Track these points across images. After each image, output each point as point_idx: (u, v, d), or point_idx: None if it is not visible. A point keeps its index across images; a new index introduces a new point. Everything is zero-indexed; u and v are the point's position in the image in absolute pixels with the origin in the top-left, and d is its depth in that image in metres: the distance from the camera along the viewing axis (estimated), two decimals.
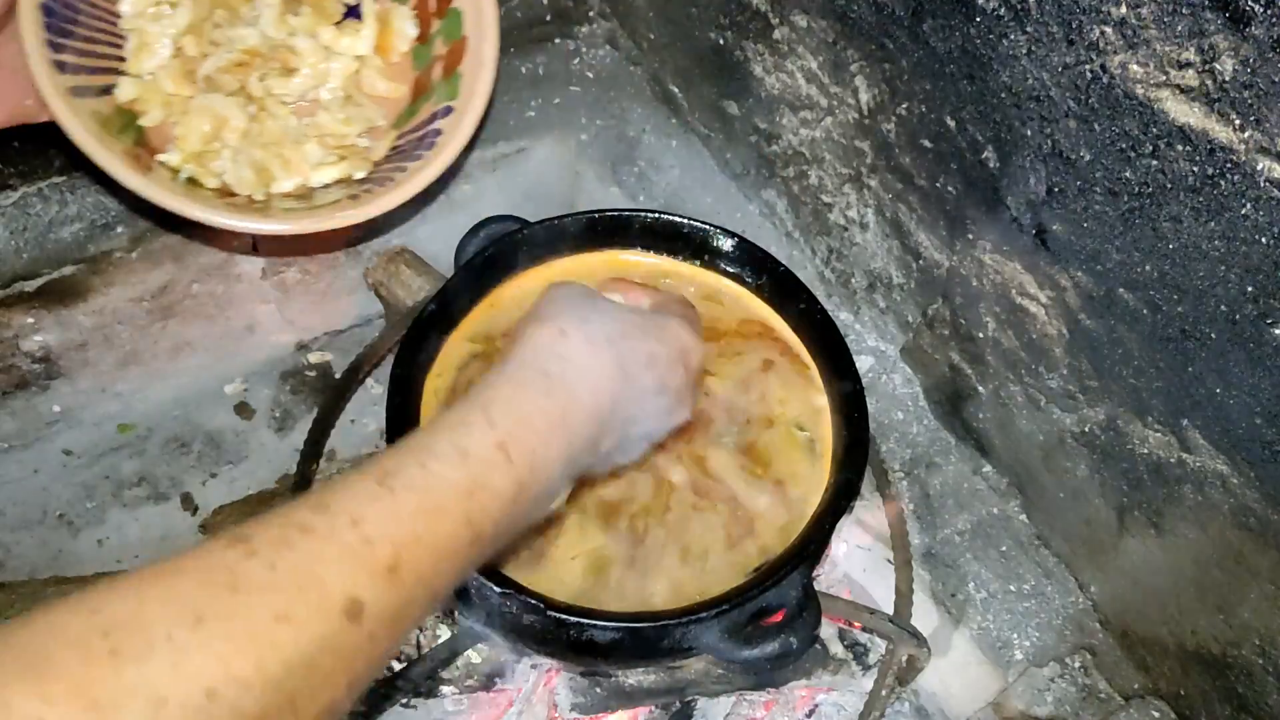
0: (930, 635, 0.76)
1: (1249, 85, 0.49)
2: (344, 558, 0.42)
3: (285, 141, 0.81)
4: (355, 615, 0.41)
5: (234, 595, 0.38)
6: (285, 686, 0.38)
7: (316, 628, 0.39)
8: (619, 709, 0.75)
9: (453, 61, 0.78)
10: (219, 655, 0.36)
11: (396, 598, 0.42)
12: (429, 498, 0.46)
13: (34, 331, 0.89)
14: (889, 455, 0.87)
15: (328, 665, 0.40)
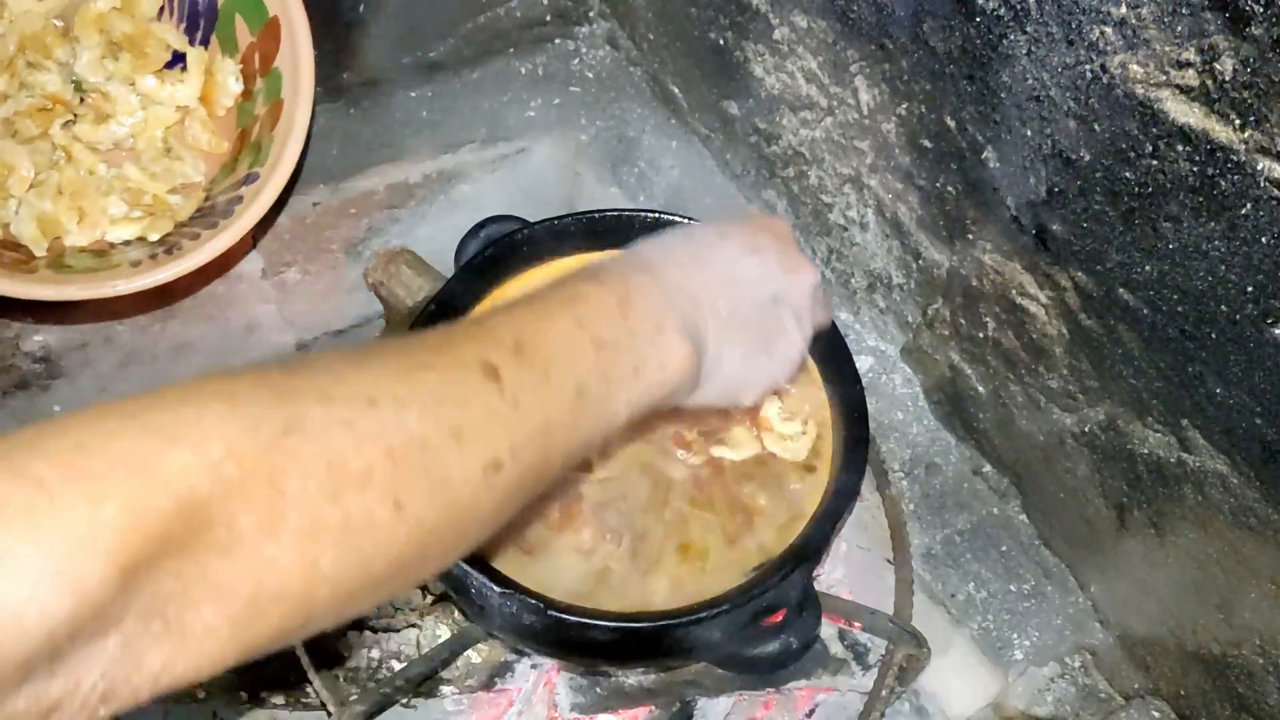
0: (930, 635, 0.76)
1: (1249, 85, 0.49)
2: (470, 337, 0.46)
3: (86, 193, 0.78)
4: (492, 375, 0.44)
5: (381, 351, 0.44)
6: (442, 415, 0.41)
7: (458, 373, 0.43)
8: (619, 709, 0.75)
9: (271, 123, 0.75)
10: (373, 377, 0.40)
11: (529, 373, 0.46)
12: (534, 306, 0.50)
13: (34, 331, 0.89)
14: (889, 455, 0.87)
15: (480, 411, 0.43)
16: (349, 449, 0.38)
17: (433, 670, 0.72)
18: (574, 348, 0.49)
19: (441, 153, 0.99)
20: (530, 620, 0.63)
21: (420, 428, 0.40)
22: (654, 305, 0.54)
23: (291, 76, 0.72)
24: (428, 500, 0.41)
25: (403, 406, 0.40)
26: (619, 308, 0.52)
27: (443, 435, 0.41)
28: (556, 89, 1.06)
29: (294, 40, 0.71)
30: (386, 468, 0.39)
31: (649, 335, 0.53)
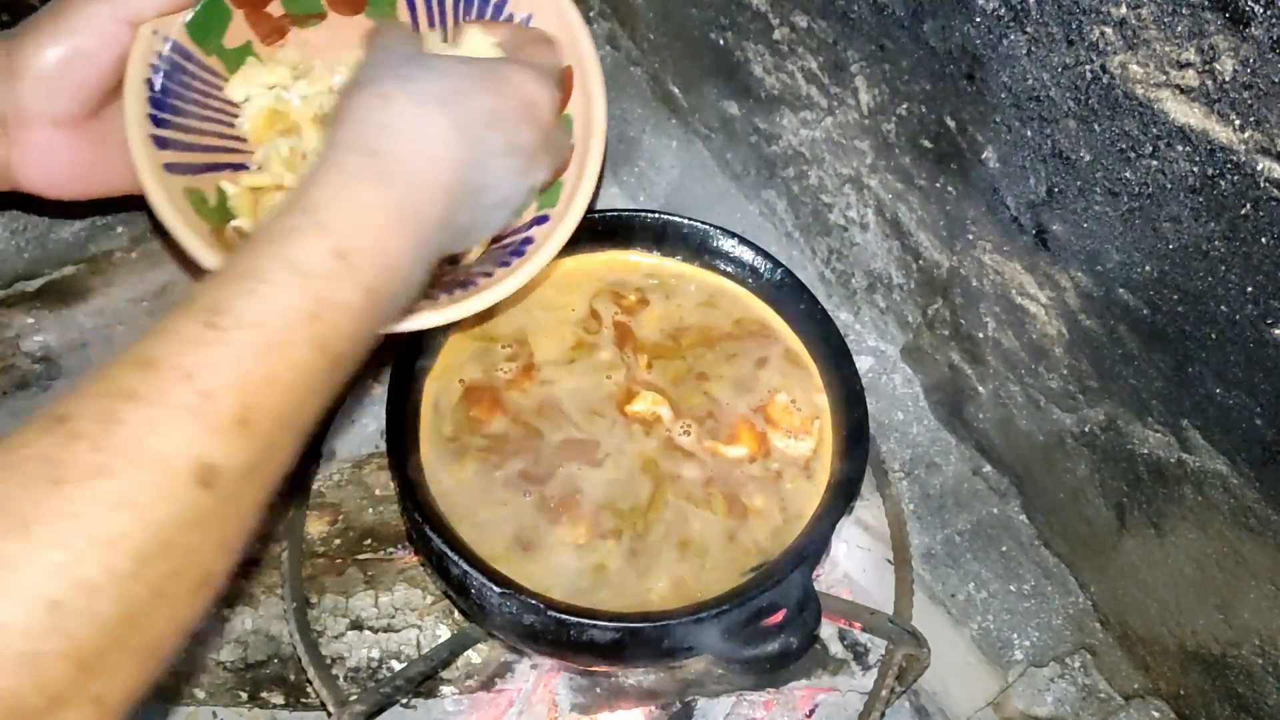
0: (930, 635, 0.76)
1: (1249, 85, 0.49)
2: (183, 421, 0.37)
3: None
4: (209, 481, 0.36)
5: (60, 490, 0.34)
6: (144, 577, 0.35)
7: (164, 508, 0.35)
8: (619, 709, 0.75)
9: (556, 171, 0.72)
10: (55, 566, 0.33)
11: (254, 449, 0.38)
12: (267, 332, 0.40)
13: (34, 331, 0.89)
14: (889, 455, 0.87)
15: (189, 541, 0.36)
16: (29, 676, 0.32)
17: (433, 670, 0.72)
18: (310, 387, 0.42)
19: None
20: (530, 620, 0.63)
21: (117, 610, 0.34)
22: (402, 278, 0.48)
23: (583, 123, 0.70)
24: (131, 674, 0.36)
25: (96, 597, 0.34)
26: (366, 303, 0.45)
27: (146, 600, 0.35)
28: None
29: (587, 88, 0.70)
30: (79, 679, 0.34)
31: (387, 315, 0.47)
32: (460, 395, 0.74)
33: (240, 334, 0.39)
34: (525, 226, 0.72)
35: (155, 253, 0.91)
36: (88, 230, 0.87)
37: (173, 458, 0.36)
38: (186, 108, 0.66)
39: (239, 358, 0.39)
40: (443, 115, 0.50)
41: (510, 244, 0.72)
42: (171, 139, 0.64)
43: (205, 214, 0.65)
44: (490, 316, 0.78)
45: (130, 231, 0.89)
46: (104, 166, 0.63)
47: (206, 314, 0.39)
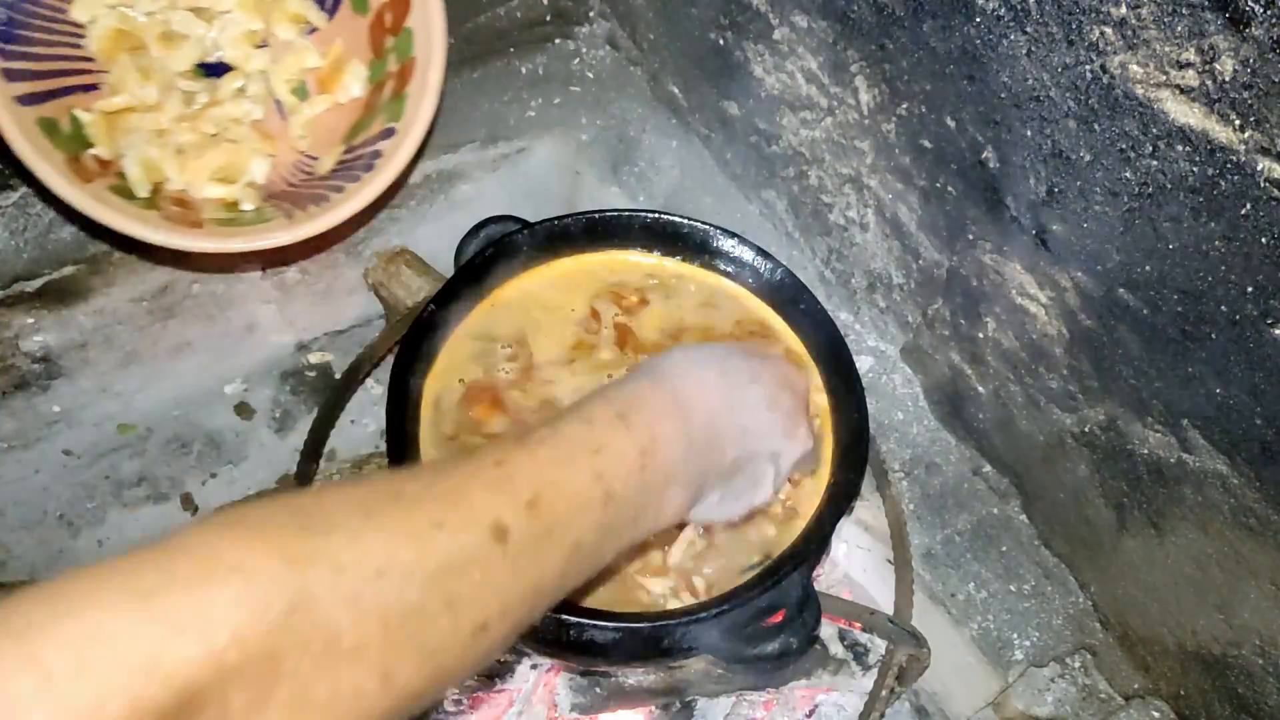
0: (930, 635, 0.76)
1: (1249, 85, 0.49)
2: (489, 486, 0.46)
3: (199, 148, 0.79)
4: (501, 537, 0.45)
5: (397, 502, 0.43)
6: (442, 584, 0.42)
7: (467, 538, 0.44)
8: (619, 709, 0.75)
9: (401, 82, 0.76)
10: (385, 542, 0.41)
11: (536, 531, 0.46)
12: (559, 450, 0.50)
13: (34, 331, 0.89)
14: (889, 455, 0.87)
15: (479, 578, 0.44)
16: (347, 625, 0.39)
17: None
18: (585, 504, 0.50)
19: (442, 152, 0.99)
20: None
21: (420, 598, 0.41)
22: (672, 459, 0.55)
23: (424, 34, 0.74)
24: (415, 669, 0.42)
25: (408, 579, 0.41)
26: (639, 459, 0.53)
27: (439, 604, 0.42)
28: (556, 89, 1.06)
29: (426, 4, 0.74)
30: (380, 640, 0.40)
31: (658, 489, 0.54)
32: (461, 395, 0.74)
33: (538, 447, 0.50)
34: (374, 139, 0.75)
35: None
36: (88, 230, 0.87)
37: (478, 506, 0.45)
38: (33, 35, 0.68)
39: (536, 459, 0.49)
40: (713, 364, 0.61)
41: (360, 158, 0.75)
42: (20, 70, 0.66)
43: (59, 142, 0.68)
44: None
45: None
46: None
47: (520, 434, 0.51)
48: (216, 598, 0.35)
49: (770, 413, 0.62)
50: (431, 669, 0.43)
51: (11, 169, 0.84)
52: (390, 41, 0.78)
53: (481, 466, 0.47)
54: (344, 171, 0.76)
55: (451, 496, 0.45)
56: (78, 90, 0.72)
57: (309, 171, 0.79)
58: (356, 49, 0.81)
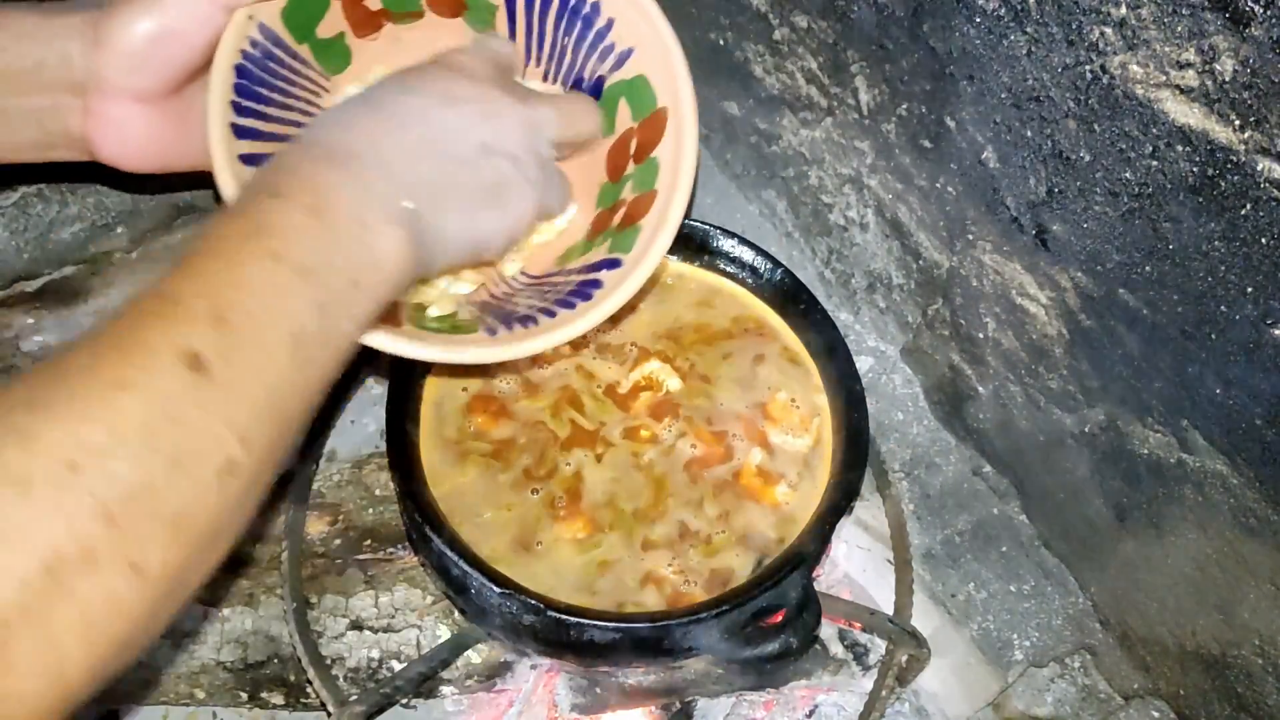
0: (930, 635, 0.76)
1: (1249, 85, 0.49)
2: (161, 319, 0.41)
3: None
4: (197, 365, 0.39)
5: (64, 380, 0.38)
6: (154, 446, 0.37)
7: (160, 383, 0.39)
8: (619, 709, 0.75)
9: (635, 213, 0.68)
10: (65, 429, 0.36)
11: (235, 344, 0.41)
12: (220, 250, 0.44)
13: (34, 332, 0.89)
14: (889, 455, 0.87)
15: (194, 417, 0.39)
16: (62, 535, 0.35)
17: (433, 670, 0.72)
18: (278, 290, 0.44)
19: None
20: (530, 620, 0.63)
21: (135, 470, 0.37)
22: (351, 200, 0.48)
23: (671, 170, 0.67)
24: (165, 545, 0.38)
25: (108, 456, 0.36)
26: (312, 218, 0.46)
27: (161, 466, 0.38)
28: None
29: (680, 137, 0.67)
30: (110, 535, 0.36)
31: (355, 237, 0.48)
32: (465, 402, 0.74)
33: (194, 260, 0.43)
34: (594, 267, 0.68)
35: (155, 253, 0.91)
36: (87, 230, 0.87)
37: (157, 346, 0.39)
38: (270, 95, 0.63)
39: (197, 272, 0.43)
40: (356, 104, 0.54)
41: (576, 284, 0.68)
42: (250, 127, 0.62)
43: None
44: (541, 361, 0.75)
45: (130, 232, 0.89)
46: (181, 142, 0.62)
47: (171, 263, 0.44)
48: None
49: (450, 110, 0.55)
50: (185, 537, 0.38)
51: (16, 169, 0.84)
52: (631, 168, 0.71)
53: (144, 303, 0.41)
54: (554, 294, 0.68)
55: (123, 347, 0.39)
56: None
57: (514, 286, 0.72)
58: (591, 169, 0.73)
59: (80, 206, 0.87)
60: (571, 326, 0.63)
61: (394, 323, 0.64)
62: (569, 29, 0.67)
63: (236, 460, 0.40)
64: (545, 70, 0.71)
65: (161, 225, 0.90)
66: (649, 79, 0.68)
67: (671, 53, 0.66)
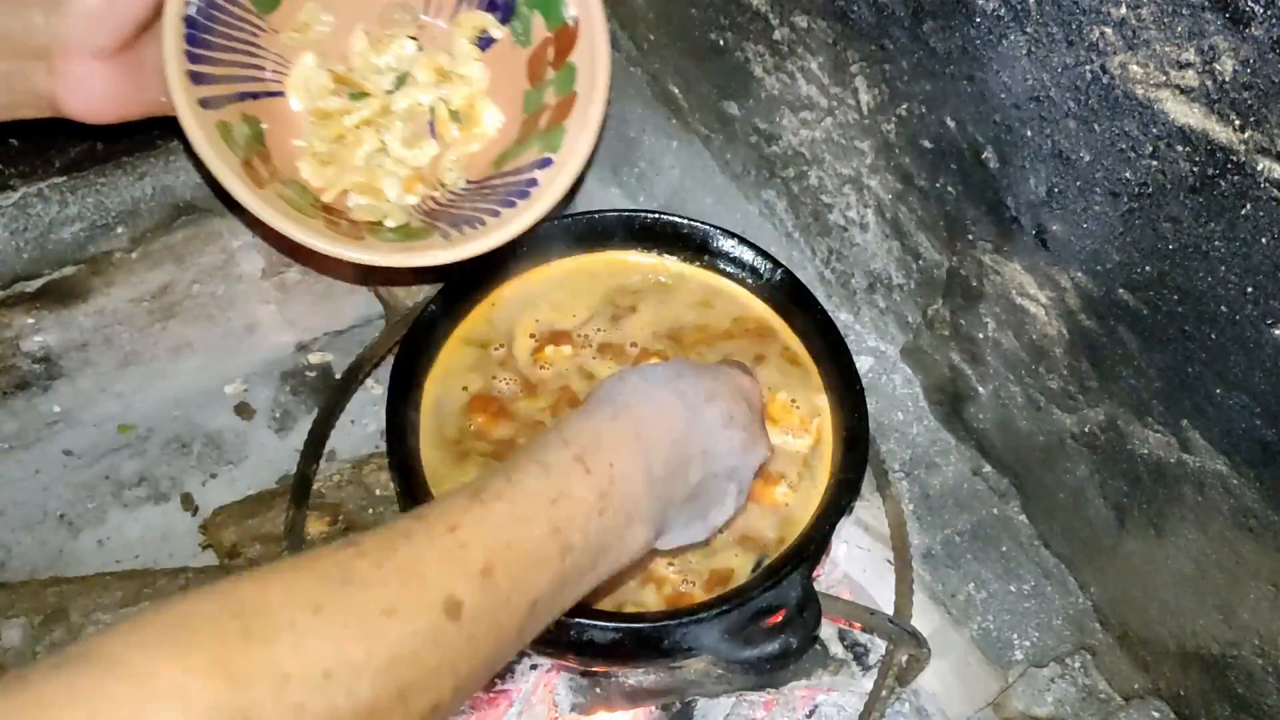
0: (930, 635, 0.76)
1: (1249, 85, 0.49)
2: (442, 559, 0.45)
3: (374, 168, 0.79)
4: (455, 613, 0.43)
5: (346, 588, 0.41)
6: (394, 675, 0.41)
7: (420, 621, 0.42)
8: (619, 709, 0.75)
9: (559, 115, 0.76)
10: (334, 640, 0.39)
11: (492, 599, 0.45)
12: (515, 506, 0.48)
13: (34, 332, 0.89)
14: (889, 455, 0.87)
15: (432, 661, 0.42)
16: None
17: None
18: (542, 561, 0.48)
19: None
20: None
21: (370, 695, 0.40)
22: (633, 496, 0.53)
23: (588, 72, 0.74)
24: None
25: (358, 677, 0.39)
26: (598, 503, 0.51)
27: (391, 698, 0.40)
28: None
29: (592, 37, 0.73)
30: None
31: (619, 530, 0.52)
32: (465, 402, 0.74)
33: (494, 504, 0.48)
34: (529, 167, 0.75)
35: (154, 253, 0.91)
36: (87, 230, 0.87)
37: (431, 584, 0.43)
38: (218, 40, 0.69)
39: (490, 521, 0.47)
40: (668, 387, 0.59)
41: (514, 184, 0.74)
42: (205, 74, 0.67)
43: (234, 146, 0.68)
44: (542, 361, 0.78)
45: (130, 232, 0.89)
46: (140, 92, 0.66)
47: (474, 490, 0.48)
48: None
49: (728, 430, 0.61)
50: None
51: (13, 169, 0.84)
52: (550, 74, 0.78)
53: (434, 535, 0.45)
54: (495, 196, 0.76)
55: (403, 575, 0.43)
56: (250, 97, 0.73)
57: (457, 191, 0.79)
58: (513, 79, 0.80)
59: (80, 206, 0.87)
60: (517, 222, 0.71)
61: (355, 236, 0.71)
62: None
63: (443, 705, 0.43)
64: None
65: (161, 225, 0.90)
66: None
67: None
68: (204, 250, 0.93)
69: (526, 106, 0.79)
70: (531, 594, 0.47)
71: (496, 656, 0.47)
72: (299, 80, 0.77)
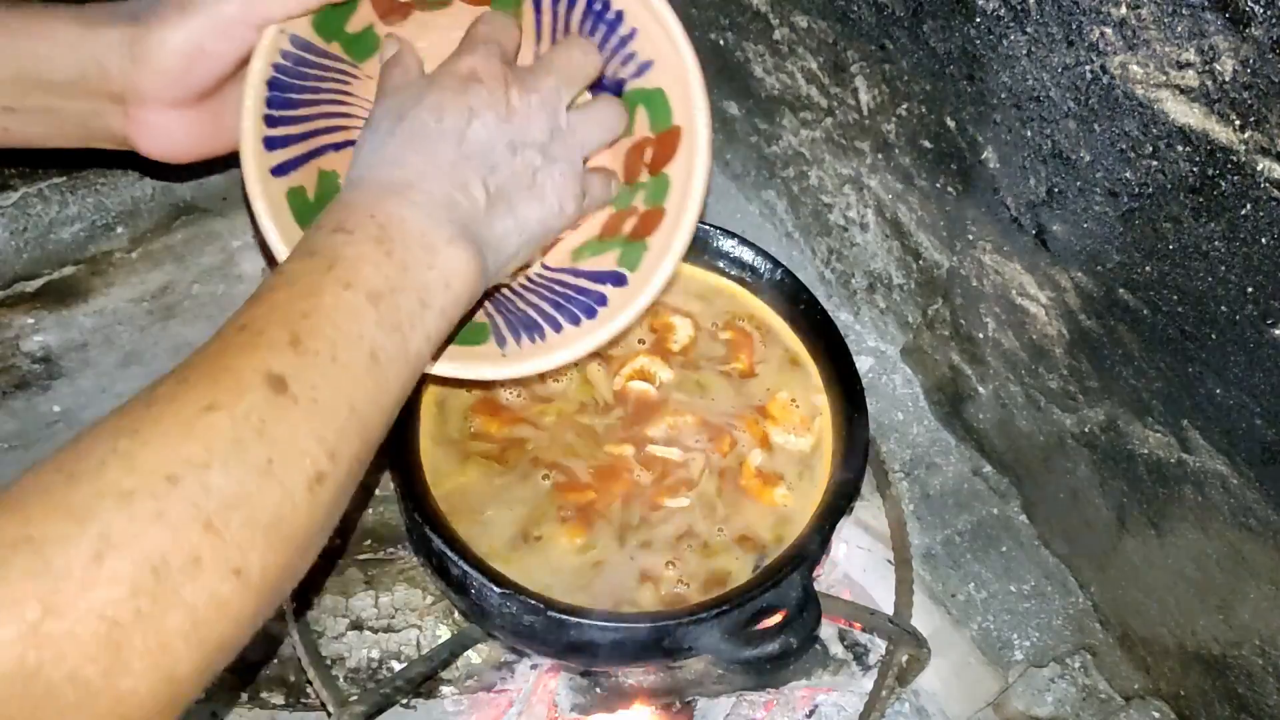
0: (930, 635, 0.76)
1: (1249, 85, 0.49)
2: (241, 350, 0.44)
3: None
4: (279, 386, 0.43)
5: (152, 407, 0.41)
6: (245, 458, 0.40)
7: (246, 403, 0.41)
8: (619, 709, 0.75)
9: (645, 228, 0.69)
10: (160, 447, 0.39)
11: (314, 362, 0.44)
12: (295, 286, 0.47)
13: (34, 332, 0.89)
14: (889, 455, 0.87)
15: (282, 432, 0.42)
16: (167, 542, 0.37)
17: (433, 670, 0.72)
18: (351, 314, 0.47)
19: None
20: (530, 620, 0.63)
21: (230, 481, 0.39)
22: (413, 227, 0.51)
23: (681, 192, 0.67)
24: (263, 551, 0.40)
25: (204, 468, 0.39)
26: (379, 248, 0.49)
27: (255, 477, 0.40)
28: None
29: (691, 157, 0.67)
30: (211, 541, 0.38)
31: (423, 261, 0.51)
32: (470, 403, 0.74)
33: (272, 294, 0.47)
34: (603, 277, 0.69)
35: (155, 253, 0.91)
36: (87, 230, 0.87)
37: (241, 370, 0.43)
38: (301, 97, 0.65)
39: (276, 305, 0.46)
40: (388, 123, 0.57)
41: (585, 294, 0.69)
42: (284, 136, 0.63)
43: (303, 215, 0.64)
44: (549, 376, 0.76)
45: (130, 232, 0.89)
46: (218, 135, 0.64)
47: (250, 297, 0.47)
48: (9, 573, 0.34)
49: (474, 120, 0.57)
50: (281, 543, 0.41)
51: (13, 169, 0.84)
52: (645, 177, 0.71)
53: (226, 336, 0.45)
54: (564, 300, 0.69)
55: (209, 376, 0.42)
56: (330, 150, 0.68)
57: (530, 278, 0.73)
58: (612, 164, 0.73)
59: (80, 206, 0.87)
60: (578, 345, 0.66)
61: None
62: (593, 29, 0.67)
63: (325, 472, 0.43)
64: None
65: (161, 225, 0.90)
66: (667, 95, 0.67)
67: (690, 75, 0.65)
68: (204, 250, 0.93)
69: (616, 202, 0.72)
70: (361, 345, 0.46)
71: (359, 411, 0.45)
72: None
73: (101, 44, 0.58)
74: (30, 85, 0.59)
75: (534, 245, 0.61)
